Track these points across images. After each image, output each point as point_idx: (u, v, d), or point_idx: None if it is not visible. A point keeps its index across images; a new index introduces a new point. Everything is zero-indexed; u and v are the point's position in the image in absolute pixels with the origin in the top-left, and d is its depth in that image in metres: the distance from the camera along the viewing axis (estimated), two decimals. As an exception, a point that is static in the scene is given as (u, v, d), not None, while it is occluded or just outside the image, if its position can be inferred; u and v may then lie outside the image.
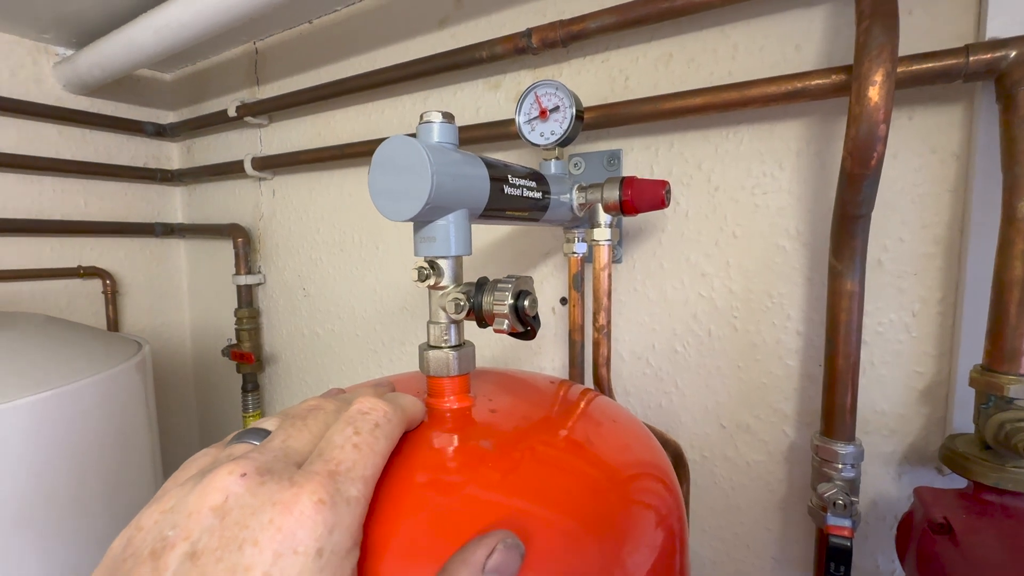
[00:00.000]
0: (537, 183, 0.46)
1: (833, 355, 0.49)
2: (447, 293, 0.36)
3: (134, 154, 1.15)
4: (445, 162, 0.34)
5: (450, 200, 0.35)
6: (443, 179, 0.33)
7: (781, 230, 0.57)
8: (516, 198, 0.42)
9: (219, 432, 1.26)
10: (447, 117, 0.36)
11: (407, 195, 0.33)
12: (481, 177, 0.38)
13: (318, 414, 0.29)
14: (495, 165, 0.40)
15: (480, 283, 0.36)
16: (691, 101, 0.55)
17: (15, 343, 0.60)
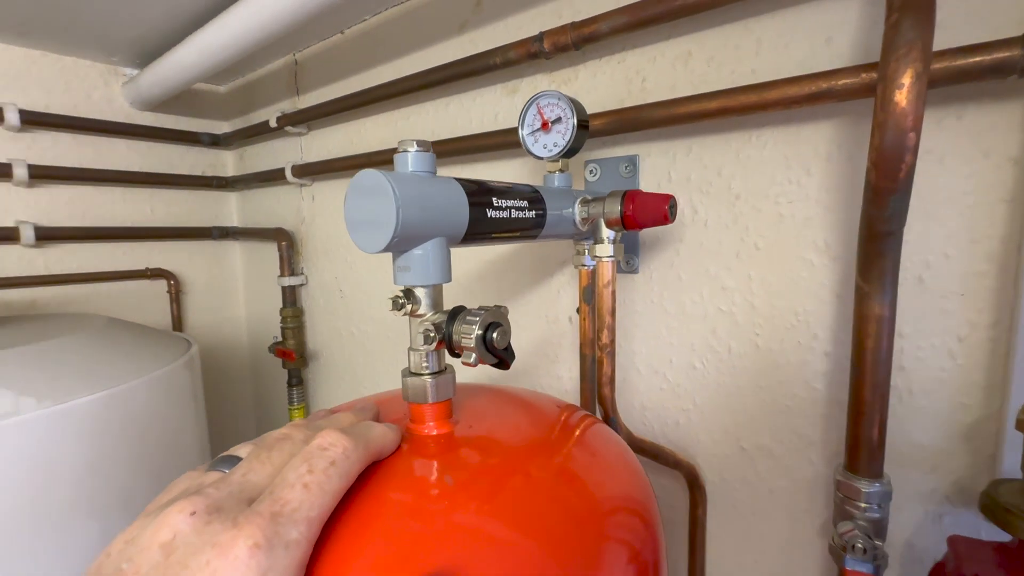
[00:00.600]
0: (530, 202, 0.45)
1: (858, 384, 0.44)
2: (423, 321, 0.37)
3: (193, 163, 1.24)
4: (415, 193, 0.34)
5: (423, 229, 0.35)
6: (411, 210, 0.33)
7: (808, 242, 0.52)
8: (503, 220, 0.41)
9: (272, 422, 1.35)
10: (422, 145, 0.36)
11: (377, 227, 0.33)
12: (458, 203, 0.37)
13: (284, 445, 0.30)
14: (477, 188, 0.39)
15: (453, 312, 0.36)
16: (706, 105, 0.51)
17: (76, 346, 0.68)
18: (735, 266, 0.57)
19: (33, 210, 1.01)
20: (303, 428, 0.32)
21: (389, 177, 0.33)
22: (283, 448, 0.30)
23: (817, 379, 0.53)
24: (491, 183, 0.42)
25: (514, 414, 0.44)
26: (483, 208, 0.39)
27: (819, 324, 0.52)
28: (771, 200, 0.54)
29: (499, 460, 0.36)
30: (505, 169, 0.76)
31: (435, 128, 0.84)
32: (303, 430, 0.32)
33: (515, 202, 0.43)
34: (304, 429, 0.32)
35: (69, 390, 0.60)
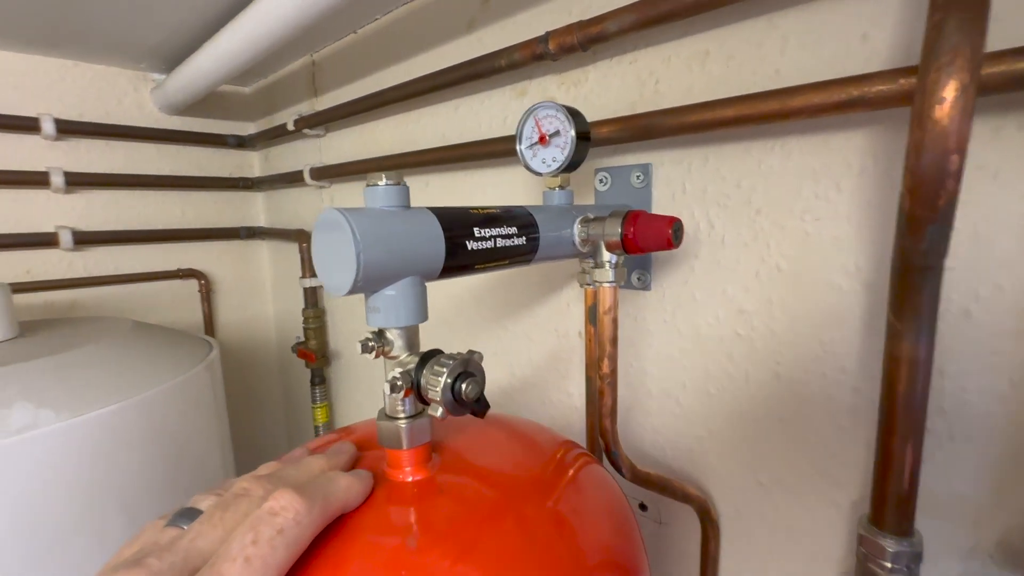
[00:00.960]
0: (520, 227, 0.42)
1: (887, 431, 0.40)
2: (393, 366, 0.35)
3: (221, 165, 1.27)
4: (380, 231, 0.32)
5: (391, 269, 0.33)
6: (375, 251, 0.31)
7: (836, 265, 0.47)
8: (486, 251, 0.39)
9: (299, 418, 1.39)
10: (391, 178, 0.33)
11: (340, 269, 0.31)
12: (432, 237, 0.35)
13: (241, 504, 0.29)
14: (455, 219, 0.37)
15: (424, 357, 0.34)
16: (721, 113, 0.46)
17: (97, 355, 0.70)
18: (755, 288, 0.52)
19: (70, 215, 1.06)
20: (265, 481, 0.31)
21: (350, 216, 0.31)
22: (239, 507, 0.29)
23: (844, 416, 0.48)
24: (473, 212, 0.39)
25: (501, 455, 0.42)
26: (462, 240, 0.37)
27: (848, 356, 0.47)
28: (796, 216, 0.48)
29: (475, 512, 0.34)
30: (514, 175, 0.73)
31: (445, 131, 0.82)
32: (264, 484, 0.31)
33: (501, 230, 0.40)
34: (266, 483, 0.31)
35: (87, 402, 0.62)
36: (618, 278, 0.47)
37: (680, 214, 0.56)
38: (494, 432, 0.46)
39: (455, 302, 0.86)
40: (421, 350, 0.36)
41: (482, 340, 0.82)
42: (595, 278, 0.47)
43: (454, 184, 0.82)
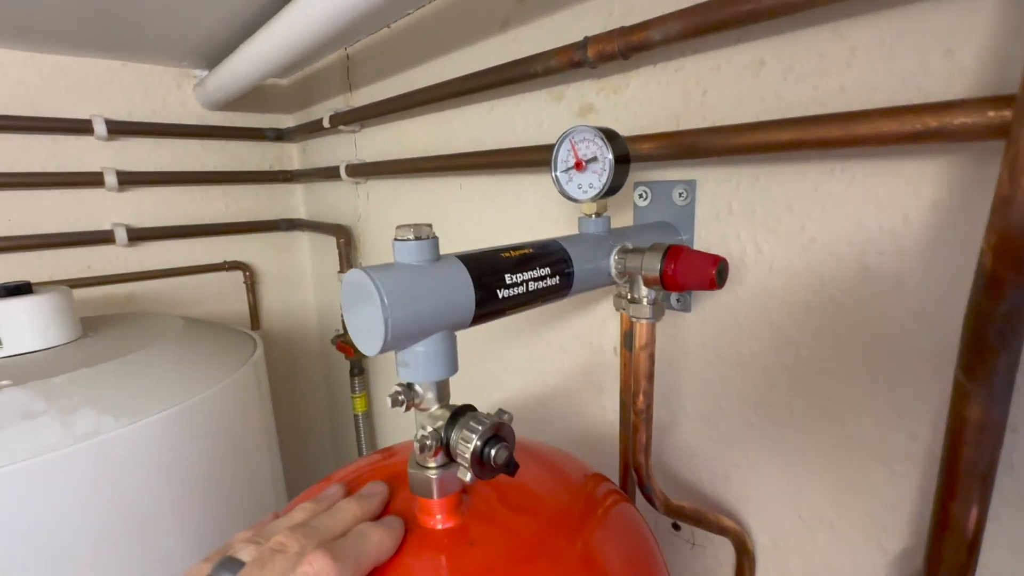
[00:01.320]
0: (553, 264, 0.40)
1: (948, 494, 0.37)
2: (422, 421, 0.34)
3: (261, 158, 1.29)
4: (408, 291, 0.31)
5: (420, 327, 0.32)
6: (403, 313, 0.30)
7: (899, 304, 0.43)
8: (517, 296, 0.37)
9: (340, 405, 1.44)
10: (420, 232, 0.32)
11: (370, 331, 0.31)
12: (462, 291, 0.34)
13: (276, 562, 0.30)
14: (485, 267, 0.35)
15: (456, 413, 0.34)
16: (776, 136, 0.43)
17: (151, 359, 0.74)
18: (804, 320, 0.49)
19: (124, 213, 1.11)
20: (300, 536, 0.32)
21: (377, 279, 0.30)
22: (275, 566, 0.30)
23: (899, 461, 0.45)
24: (504, 255, 0.37)
25: (532, 496, 0.42)
26: (493, 289, 0.36)
27: (905, 399, 0.44)
28: (856, 248, 0.44)
29: (506, 564, 0.34)
30: (551, 188, 0.70)
31: (478, 133, 0.80)
32: (300, 539, 0.31)
33: (533, 272, 0.39)
34: (301, 537, 0.32)
35: (143, 407, 0.66)
36: (656, 315, 0.44)
37: (725, 236, 0.53)
38: (524, 469, 0.46)
39: (488, 307, 0.85)
40: (451, 396, 0.35)
41: (515, 346, 0.82)
42: (632, 312, 0.45)
43: (488, 187, 0.80)
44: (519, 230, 0.76)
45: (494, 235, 0.81)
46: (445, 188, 0.89)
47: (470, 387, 0.94)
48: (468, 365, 0.94)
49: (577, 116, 0.65)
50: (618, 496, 0.47)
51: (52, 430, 0.59)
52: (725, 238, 0.53)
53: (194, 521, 0.69)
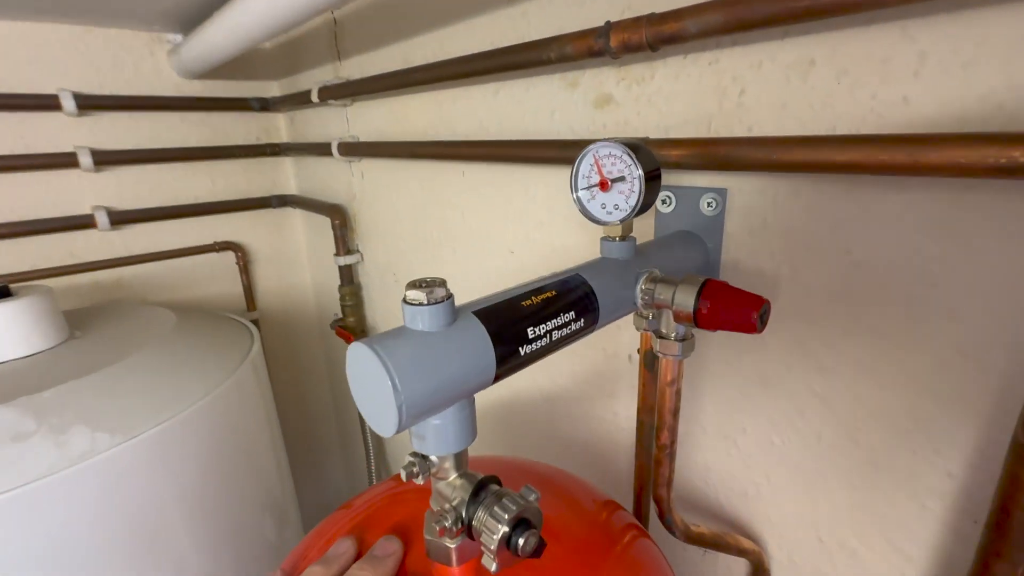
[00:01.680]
0: (576, 306, 0.37)
1: (993, 552, 0.35)
2: (440, 491, 0.32)
3: (247, 130, 1.21)
4: (422, 369, 0.27)
5: (436, 403, 0.29)
6: (418, 394, 0.27)
7: (950, 342, 0.39)
8: (540, 349, 0.34)
9: (342, 385, 1.43)
10: (432, 295, 0.28)
11: (382, 413, 0.28)
12: (481, 355, 0.30)
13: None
14: (506, 326, 0.32)
15: (479, 487, 0.31)
16: (827, 156, 0.38)
17: (143, 366, 0.71)
18: (842, 347, 0.45)
19: (103, 195, 1.04)
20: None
21: (387, 359, 0.26)
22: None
23: (932, 497, 0.43)
24: (525, 304, 0.34)
25: (553, 534, 0.40)
26: (514, 347, 0.32)
27: (944, 438, 0.41)
28: (908, 278, 0.41)
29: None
30: (561, 179, 0.65)
31: (483, 118, 0.73)
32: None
33: (557, 320, 0.35)
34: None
35: (139, 420, 0.63)
36: (685, 352, 0.41)
37: (757, 252, 0.49)
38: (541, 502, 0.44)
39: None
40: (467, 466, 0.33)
41: (523, 344, 0.79)
42: (659, 348, 0.42)
43: (494, 176, 0.75)
44: (527, 226, 0.72)
45: (500, 228, 0.76)
46: (447, 173, 0.83)
47: (475, 380, 0.92)
48: (473, 358, 0.91)
49: (593, 107, 0.59)
50: (637, 531, 0.46)
51: (45, 452, 0.56)
52: (756, 255, 0.49)
53: (205, 532, 0.69)
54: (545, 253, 0.71)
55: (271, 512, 0.86)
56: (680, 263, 0.48)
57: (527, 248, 0.73)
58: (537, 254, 0.72)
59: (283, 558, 0.87)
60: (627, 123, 0.55)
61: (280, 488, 0.90)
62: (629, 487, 0.69)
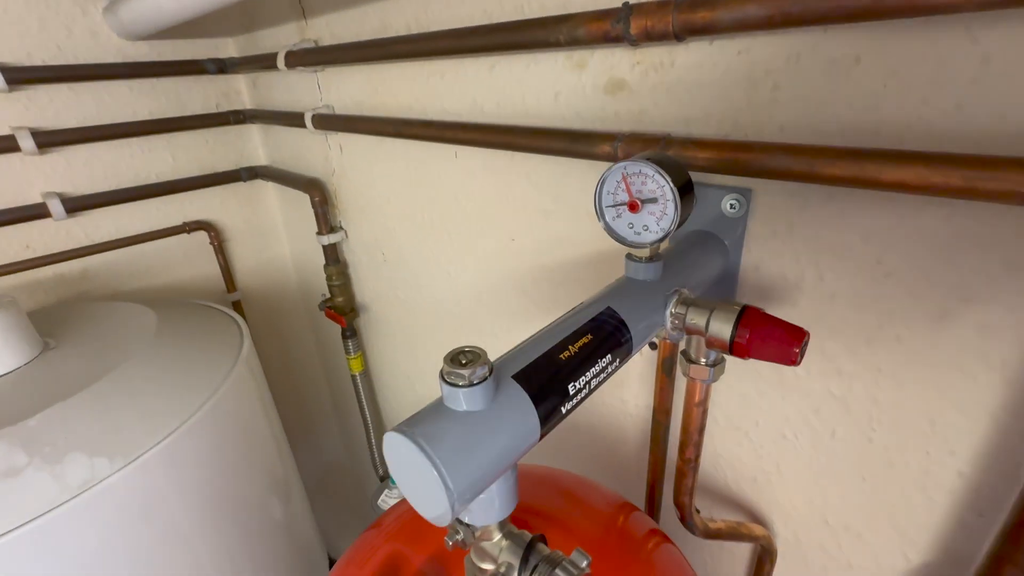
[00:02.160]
0: (612, 346, 0.35)
1: (1002, 561, 0.37)
2: (485, 550, 0.31)
3: (205, 96, 1.10)
4: (469, 455, 0.26)
5: (485, 484, 0.27)
6: (468, 481, 0.26)
7: (977, 354, 0.39)
8: (580, 401, 0.32)
9: (335, 359, 1.41)
10: (475, 373, 0.26)
11: (432, 505, 0.26)
12: (525, 424, 0.29)
13: None
14: (548, 389, 0.30)
15: (530, 550, 0.30)
16: (873, 174, 0.35)
17: (130, 380, 0.67)
18: (863, 353, 0.45)
19: (53, 180, 0.95)
20: None
21: (431, 451, 0.24)
22: None
23: (939, 492, 0.45)
24: (563, 357, 0.32)
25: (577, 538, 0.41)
26: (557, 408, 0.30)
27: (959, 441, 0.43)
28: (938, 290, 0.40)
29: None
30: (570, 171, 0.61)
31: (477, 96, 0.67)
32: None
33: (595, 368, 0.33)
34: None
35: (136, 439, 0.60)
36: (715, 377, 0.40)
37: (781, 255, 0.47)
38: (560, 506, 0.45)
39: (496, 291, 0.79)
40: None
41: (522, 330, 0.78)
42: (690, 374, 0.40)
43: (491, 161, 0.70)
44: (529, 213, 0.68)
45: (499, 214, 0.72)
46: (437, 154, 0.77)
47: (476, 362, 0.91)
48: (475, 341, 0.89)
49: (603, 93, 0.54)
50: (660, 537, 0.47)
51: (42, 485, 0.54)
52: (780, 258, 0.48)
53: (217, 534, 0.68)
54: (550, 242, 0.68)
55: (276, 492, 0.86)
56: (704, 272, 0.46)
57: (529, 236, 0.70)
58: (541, 243, 0.69)
59: (290, 533, 0.88)
60: (643, 113, 0.51)
61: (282, 468, 0.90)
62: (636, 473, 0.71)
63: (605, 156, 0.50)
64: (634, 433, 0.69)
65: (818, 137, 0.41)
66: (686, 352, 0.41)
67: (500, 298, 0.80)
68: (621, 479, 0.74)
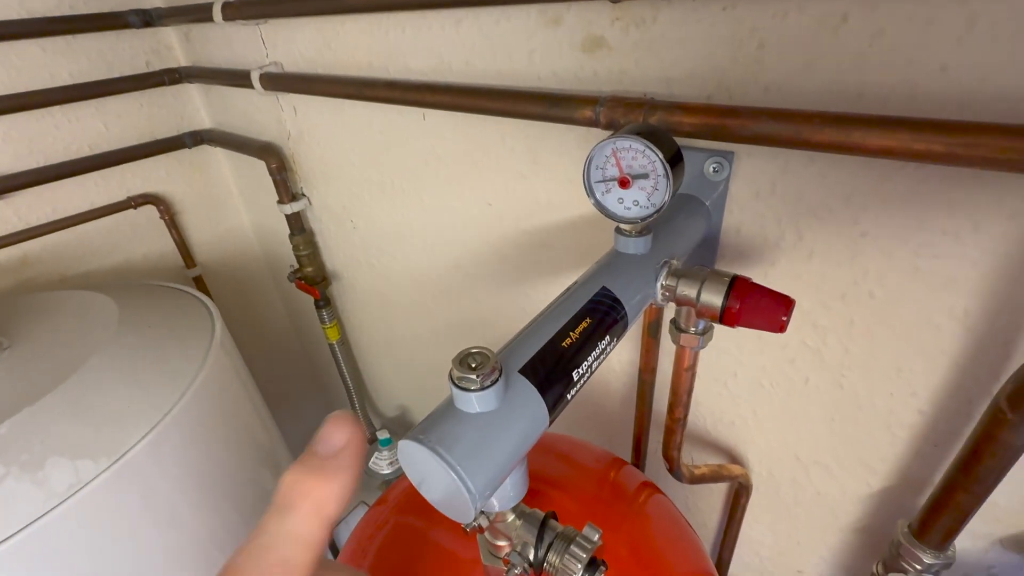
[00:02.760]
0: (610, 326, 0.35)
1: (958, 486, 0.41)
2: (495, 531, 0.32)
3: (132, 54, 0.98)
4: (486, 458, 0.26)
5: (502, 478, 0.28)
6: (486, 481, 0.26)
7: (942, 306, 0.42)
8: (583, 385, 0.33)
9: (310, 331, 1.38)
10: (486, 376, 0.26)
11: (454, 506, 0.27)
12: (535, 416, 0.29)
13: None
14: (554, 380, 0.30)
15: (544, 527, 0.32)
16: (859, 139, 0.35)
17: (102, 367, 0.64)
18: (837, 307, 0.48)
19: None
20: None
21: (449, 456, 0.25)
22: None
23: (901, 428, 0.50)
24: (564, 344, 0.32)
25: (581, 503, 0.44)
26: (563, 395, 0.31)
27: (922, 384, 0.46)
28: (910, 247, 0.42)
29: None
30: (548, 134, 0.59)
31: (444, 53, 0.62)
32: None
33: (595, 351, 0.34)
34: None
35: (118, 436, 0.59)
36: (705, 343, 0.42)
37: (763, 217, 0.48)
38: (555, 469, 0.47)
39: (474, 256, 0.78)
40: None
41: (505, 296, 0.78)
42: (680, 342, 0.42)
43: (463, 123, 0.67)
44: (506, 176, 0.66)
45: (474, 178, 0.70)
46: (404, 116, 0.73)
47: (458, 328, 0.92)
48: (459, 309, 0.89)
49: (581, 51, 0.51)
50: (651, 488, 0.50)
51: (25, 494, 0.52)
52: (762, 219, 0.48)
53: (218, 520, 0.69)
54: (528, 206, 0.66)
55: (265, 464, 0.87)
56: (689, 238, 0.46)
57: (507, 200, 0.68)
58: (519, 207, 0.67)
59: None
60: (623, 73, 0.49)
61: (268, 440, 0.90)
62: (620, 426, 0.74)
63: (586, 121, 0.49)
64: (618, 388, 0.72)
65: (802, 99, 0.41)
66: (676, 321, 0.42)
67: (479, 262, 0.79)
68: (607, 432, 0.77)
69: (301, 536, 0.18)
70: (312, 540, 0.18)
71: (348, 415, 0.21)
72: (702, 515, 0.74)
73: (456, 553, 0.43)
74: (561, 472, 0.49)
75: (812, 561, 0.65)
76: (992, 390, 0.39)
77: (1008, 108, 0.33)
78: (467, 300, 0.86)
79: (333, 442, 0.20)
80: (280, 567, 0.18)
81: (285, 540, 0.18)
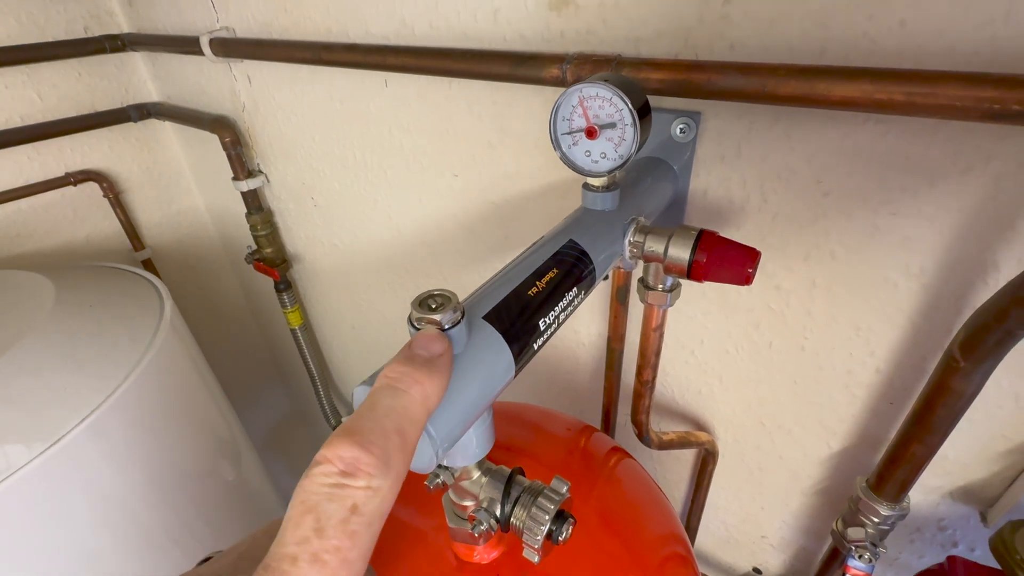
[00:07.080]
0: (577, 279, 0.34)
1: (912, 437, 0.43)
2: (465, 488, 0.31)
3: (68, 18, 0.91)
4: (450, 405, 0.25)
5: (466, 427, 0.27)
6: (449, 429, 0.25)
7: (899, 263, 0.43)
8: (550, 335, 0.32)
9: (270, 316, 1.33)
10: (448, 316, 0.25)
11: (417, 456, 0.25)
12: (499, 364, 0.28)
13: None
14: (521, 326, 0.29)
15: (511, 483, 0.31)
16: (823, 91, 0.35)
17: (36, 353, 0.59)
18: (799, 269, 0.48)
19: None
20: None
21: None
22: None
23: (859, 388, 0.51)
24: (531, 293, 0.31)
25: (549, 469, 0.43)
26: (529, 344, 0.30)
27: (880, 343, 0.48)
28: (870, 206, 0.42)
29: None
30: (515, 99, 0.57)
31: (406, 15, 0.60)
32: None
33: (562, 302, 0.33)
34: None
35: (56, 420, 0.55)
36: (673, 300, 0.41)
37: (728, 179, 0.48)
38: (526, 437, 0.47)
39: (441, 231, 0.76)
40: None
41: (473, 273, 0.76)
42: (647, 300, 0.41)
43: (426, 89, 0.64)
44: (473, 147, 0.64)
45: (439, 149, 0.68)
46: (365, 83, 0.70)
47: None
48: (422, 285, 0.87)
49: (547, 9, 0.50)
50: (621, 453, 0.50)
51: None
52: (728, 182, 0.48)
53: (171, 511, 0.65)
54: (496, 177, 0.65)
55: (224, 454, 0.83)
56: (657, 199, 0.46)
57: (474, 171, 0.67)
58: (486, 177, 0.66)
59: (245, 493, 0.87)
60: (590, 33, 0.48)
61: (227, 429, 0.86)
62: (589, 398, 0.74)
63: (553, 80, 0.48)
64: (587, 361, 0.72)
65: (768, 55, 0.41)
66: (644, 279, 0.42)
67: (446, 238, 0.77)
68: (577, 404, 0.77)
69: (413, 416, 0.20)
70: (420, 424, 0.20)
71: (438, 332, 0.23)
72: (670, 486, 0.74)
73: (424, 532, 0.41)
74: (530, 439, 0.48)
75: (775, 525, 0.67)
76: (944, 344, 0.41)
77: (963, 60, 0.34)
78: (435, 278, 0.84)
79: (433, 348, 0.22)
80: (397, 437, 0.18)
81: (401, 414, 0.19)
